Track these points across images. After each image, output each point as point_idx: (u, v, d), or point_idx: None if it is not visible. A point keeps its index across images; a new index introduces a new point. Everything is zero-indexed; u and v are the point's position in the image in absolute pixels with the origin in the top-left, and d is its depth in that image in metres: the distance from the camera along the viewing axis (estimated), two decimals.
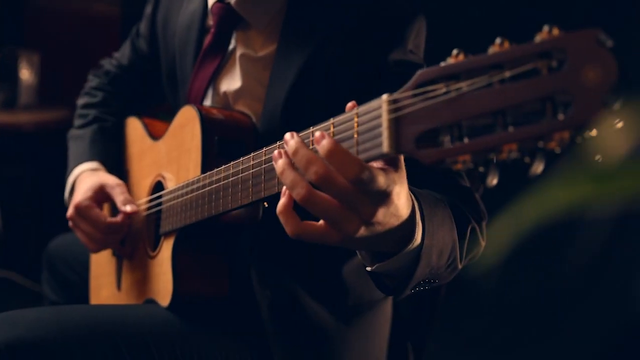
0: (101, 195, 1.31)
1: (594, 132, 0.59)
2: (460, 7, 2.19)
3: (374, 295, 1.25)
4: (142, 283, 1.30)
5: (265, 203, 1.14)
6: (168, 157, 1.26)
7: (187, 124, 1.18)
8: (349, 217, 0.73)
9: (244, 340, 1.21)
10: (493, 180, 0.69)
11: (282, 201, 0.77)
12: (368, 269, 0.86)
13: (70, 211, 1.31)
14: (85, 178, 1.35)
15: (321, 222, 0.76)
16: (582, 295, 2.09)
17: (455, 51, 0.68)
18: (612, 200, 0.35)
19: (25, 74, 3.08)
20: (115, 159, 1.45)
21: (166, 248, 1.20)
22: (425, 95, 0.69)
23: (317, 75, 1.13)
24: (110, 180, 1.32)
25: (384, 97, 0.71)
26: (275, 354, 1.18)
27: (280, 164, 0.76)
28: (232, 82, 1.24)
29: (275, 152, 0.78)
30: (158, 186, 1.30)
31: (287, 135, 0.76)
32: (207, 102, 1.29)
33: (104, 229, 1.28)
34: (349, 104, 0.76)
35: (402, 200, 0.75)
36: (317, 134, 0.72)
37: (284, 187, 0.77)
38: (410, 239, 0.81)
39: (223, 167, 1.02)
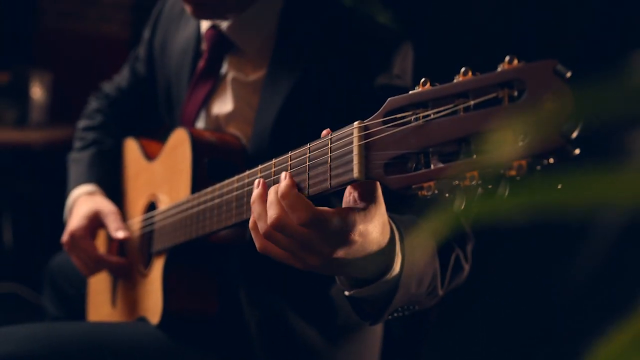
0: (96, 222, 1.34)
1: (551, 160, 0.61)
2: (452, 30, 2.22)
3: None
4: (135, 301, 1.32)
5: None
6: (161, 178, 1.29)
7: (179, 146, 1.21)
8: (308, 254, 0.76)
9: (232, 359, 1.22)
10: (460, 206, 0.70)
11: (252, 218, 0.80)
12: (346, 293, 0.87)
13: (65, 237, 1.34)
14: (82, 203, 1.38)
15: None
16: (583, 313, 2.08)
17: (422, 80, 0.70)
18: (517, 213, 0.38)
19: (37, 92, 3.14)
20: (111, 181, 1.48)
21: (157, 267, 1.23)
22: (394, 123, 0.71)
23: (305, 100, 1.16)
24: (105, 206, 1.35)
25: (355, 124, 0.73)
26: None
27: (255, 193, 0.81)
28: (223, 106, 1.27)
29: (257, 180, 0.82)
30: (152, 206, 1.33)
31: (283, 174, 0.80)
32: (200, 124, 1.32)
33: (94, 260, 1.31)
34: (324, 132, 0.78)
35: (369, 237, 0.76)
36: (282, 175, 0.78)
37: None
38: (388, 269, 0.82)
39: (210, 188, 1.04)
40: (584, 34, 1.96)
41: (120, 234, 1.30)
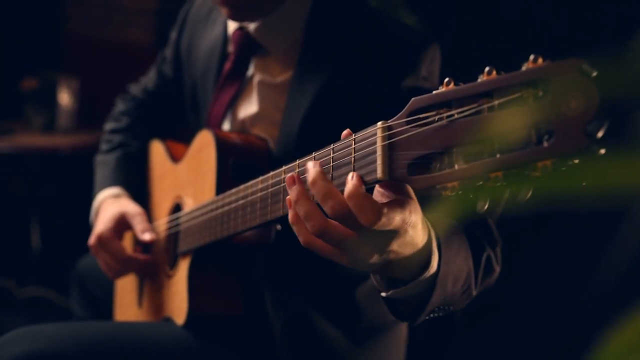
0: (122, 224, 1.36)
1: (576, 161, 0.60)
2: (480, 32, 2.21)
3: (387, 317, 1.25)
4: (160, 301, 1.34)
5: (278, 225, 1.17)
6: (186, 180, 1.30)
7: (203, 147, 1.22)
8: (363, 247, 0.74)
9: None
10: (483, 207, 0.70)
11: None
12: (383, 294, 0.86)
13: (92, 240, 1.36)
14: (108, 206, 1.40)
15: None
16: (610, 313, 2.05)
17: (446, 79, 0.70)
18: None
19: (64, 98, 3.18)
20: (137, 184, 1.50)
21: (183, 267, 1.24)
22: (418, 123, 0.71)
23: (332, 102, 1.16)
24: (130, 208, 1.36)
25: (379, 124, 0.74)
26: None
27: (294, 191, 0.77)
28: (249, 108, 1.28)
29: (289, 176, 0.78)
30: (177, 208, 1.34)
31: (310, 164, 0.77)
32: (226, 126, 1.33)
33: (122, 261, 1.33)
34: (344, 132, 0.79)
35: (417, 229, 0.76)
36: (349, 176, 0.73)
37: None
38: (426, 267, 0.82)
39: (234, 190, 1.05)
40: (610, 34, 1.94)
41: (146, 236, 1.31)
